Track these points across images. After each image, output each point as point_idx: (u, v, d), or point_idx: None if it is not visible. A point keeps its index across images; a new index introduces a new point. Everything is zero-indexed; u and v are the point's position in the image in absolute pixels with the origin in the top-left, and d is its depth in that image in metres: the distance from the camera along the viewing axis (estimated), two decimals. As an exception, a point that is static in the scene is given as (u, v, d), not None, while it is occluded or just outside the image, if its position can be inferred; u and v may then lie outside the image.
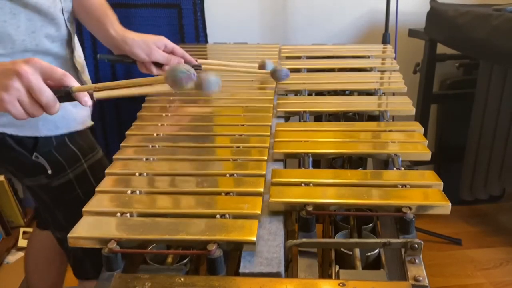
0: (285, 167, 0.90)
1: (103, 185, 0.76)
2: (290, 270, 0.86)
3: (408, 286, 0.55)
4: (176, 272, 0.61)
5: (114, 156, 0.85)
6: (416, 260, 0.61)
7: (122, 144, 0.90)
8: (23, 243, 1.84)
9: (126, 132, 0.95)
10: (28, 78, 0.68)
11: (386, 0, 1.72)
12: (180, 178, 0.77)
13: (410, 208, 0.67)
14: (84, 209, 0.68)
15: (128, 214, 0.67)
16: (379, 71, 1.33)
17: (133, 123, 1.00)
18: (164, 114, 1.03)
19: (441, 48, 1.86)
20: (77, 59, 1.03)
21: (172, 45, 1.08)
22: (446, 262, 1.81)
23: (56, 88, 0.72)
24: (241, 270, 0.60)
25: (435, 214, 0.69)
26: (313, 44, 1.67)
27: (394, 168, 0.82)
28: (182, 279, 0.55)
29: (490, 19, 1.52)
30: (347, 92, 1.21)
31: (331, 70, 1.34)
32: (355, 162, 1.07)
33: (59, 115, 0.94)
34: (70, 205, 0.71)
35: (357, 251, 0.68)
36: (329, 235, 0.80)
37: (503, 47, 1.49)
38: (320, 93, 1.22)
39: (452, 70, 1.99)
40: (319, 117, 1.16)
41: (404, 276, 0.59)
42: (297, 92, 1.19)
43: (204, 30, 1.82)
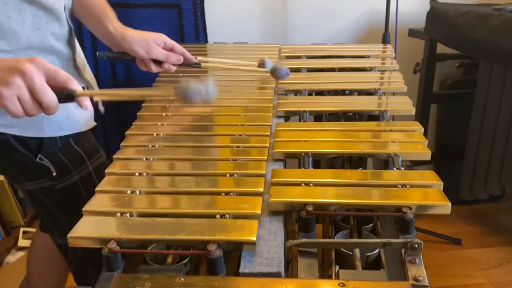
0: (285, 167, 0.90)
1: (103, 185, 0.76)
2: (290, 270, 0.86)
3: (408, 286, 0.55)
4: (176, 272, 0.61)
5: (114, 156, 0.85)
6: (416, 260, 0.61)
7: (122, 144, 0.90)
8: (23, 243, 1.84)
9: (126, 132, 0.95)
10: (31, 77, 0.67)
11: (386, 0, 1.72)
12: (180, 178, 0.77)
13: (410, 208, 0.67)
14: (84, 209, 0.68)
15: (128, 214, 0.67)
16: (379, 71, 1.32)
17: (133, 123, 0.99)
18: (164, 114, 1.03)
19: (441, 48, 1.86)
20: (78, 57, 1.02)
21: (171, 42, 1.08)
22: (446, 262, 1.80)
23: (59, 90, 0.72)
24: (241, 270, 0.60)
25: (435, 214, 0.69)
26: (313, 44, 1.66)
27: (394, 168, 0.82)
28: (182, 279, 0.55)
29: (490, 19, 1.52)
30: (347, 91, 1.21)
31: (331, 70, 1.34)
32: (355, 162, 1.07)
33: (63, 116, 0.94)
34: (74, 208, 0.71)
35: (357, 251, 0.68)
36: (329, 235, 0.80)
37: (503, 47, 1.49)
38: (320, 92, 1.22)
39: (452, 70, 1.99)
40: (319, 116, 1.16)
41: (404, 276, 0.59)
42: (297, 92, 1.19)
43: (204, 30, 1.82)
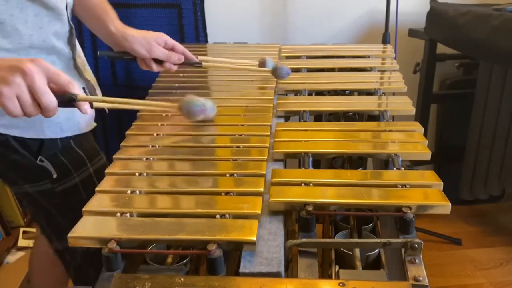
0: (285, 167, 0.90)
1: (103, 185, 0.76)
2: (290, 270, 0.86)
3: (408, 286, 0.55)
4: (176, 272, 0.61)
5: (114, 156, 0.85)
6: (416, 260, 0.60)
7: (122, 144, 0.90)
8: (23, 243, 1.84)
9: (126, 132, 0.95)
10: (32, 77, 0.67)
11: (386, 0, 1.72)
12: (180, 178, 0.77)
13: (410, 208, 0.67)
14: (84, 209, 0.68)
15: (128, 214, 0.67)
16: (379, 71, 1.32)
17: (133, 123, 0.99)
18: (164, 114, 1.03)
19: (441, 48, 1.86)
20: (78, 57, 1.02)
21: (172, 41, 1.08)
22: (446, 262, 1.80)
23: (59, 93, 0.72)
24: (241, 270, 0.60)
25: (435, 214, 0.69)
26: (313, 44, 1.66)
27: (394, 168, 0.82)
28: (182, 279, 0.55)
29: (490, 19, 1.52)
30: (347, 91, 1.21)
31: (331, 70, 1.34)
32: (355, 162, 1.07)
33: (64, 117, 0.94)
34: (74, 210, 0.70)
35: (357, 251, 0.68)
36: (329, 235, 0.80)
37: (503, 47, 1.49)
38: (320, 92, 1.22)
39: (452, 70, 1.99)
40: (319, 116, 1.16)
41: (404, 276, 0.59)
42: (297, 92, 1.19)
43: (204, 30, 1.82)
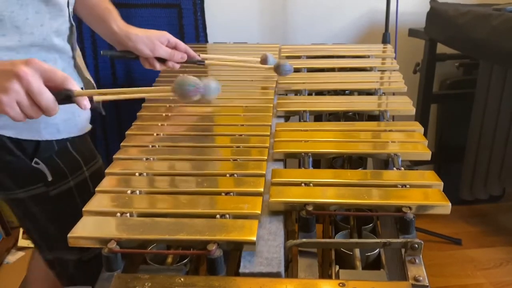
0: (285, 167, 0.90)
1: (103, 185, 0.76)
2: (290, 270, 0.86)
3: (408, 286, 0.55)
4: (176, 272, 0.61)
5: (114, 156, 0.85)
6: (416, 260, 0.61)
7: (122, 144, 0.90)
8: (23, 243, 1.84)
9: (126, 132, 0.95)
10: (28, 80, 0.66)
11: (386, 0, 1.72)
12: (180, 178, 0.77)
13: (410, 208, 0.67)
14: (84, 209, 0.68)
15: (128, 214, 0.67)
16: (379, 70, 1.33)
17: (133, 123, 0.99)
18: (164, 114, 1.03)
19: (441, 48, 1.86)
20: (78, 57, 1.02)
21: (175, 40, 1.08)
22: (446, 262, 1.80)
23: (57, 90, 0.71)
24: (241, 270, 0.60)
25: (435, 214, 0.69)
26: (313, 44, 1.66)
27: (394, 168, 0.82)
28: (182, 279, 0.55)
29: (490, 19, 1.52)
30: (347, 91, 1.21)
31: (331, 70, 1.34)
32: (355, 162, 1.07)
33: (61, 118, 0.93)
34: (66, 217, 0.70)
35: (357, 251, 0.68)
36: (329, 235, 0.80)
37: (503, 47, 1.49)
38: (320, 92, 1.22)
39: (452, 70, 1.99)
40: (319, 116, 1.16)
41: (404, 276, 0.59)
42: (297, 92, 1.19)
43: (204, 30, 1.82)
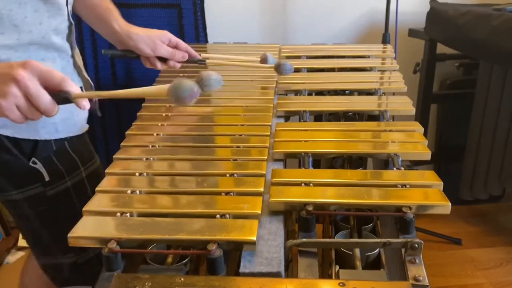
0: (285, 167, 0.90)
1: (103, 185, 0.76)
2: (290, 270, 0.86)
3: (408, 286, 0.55)
4: (176, 272, 0.61)
5: (114, 156, 0.85)
6: (416, 260, 0.61)
7: (122, 144, 0.90)
8: (23, 243, 1.84)
9: (126, 132, 0.95)
10: (25, 84, 0.66)
11: (386, 0, 1.72)
12: (180, 178, 0.77)
13: (410, 208, 0.67)
14: (84, 209, 0.68)
15: (128, 214, 0.67)
16: (379, 71, 1.33)
17: (133, 123, 0.99)
18: (164, 114, 1.03)
19: (441, 48, 1.86)
20: (77, 56, 1.01)
21: (175, 39, 1.08)
22: (446, 262, 1.80)
23: (55, 92, 0.71)
24: (241, 270, 0.60)
25: (435, 214, 0.69)
26: (313, 44, 1.66)
27: (394, 168, 0.82)
28: (182, 279, 0.55)
29: (490, 19, 1.52)
30: (347, 91, 1.21)
31: (331, 70, 1.34)
32: (355, 162, 1.07)
33: (60, 118, 0.93)
34: (63, 217, 0.69)
35: (357, 251, 0.68)
36: (329, 235, 0.80)
37: (503, 47, 1.49)
38: (320, 92, 1.22)
39: (452, 70, 1.99)
40: (319, 116, 1.16)
41: (404, 276, 0.59)
42: (297, 92, 1.19)
43: (204, 30, 1.82)
